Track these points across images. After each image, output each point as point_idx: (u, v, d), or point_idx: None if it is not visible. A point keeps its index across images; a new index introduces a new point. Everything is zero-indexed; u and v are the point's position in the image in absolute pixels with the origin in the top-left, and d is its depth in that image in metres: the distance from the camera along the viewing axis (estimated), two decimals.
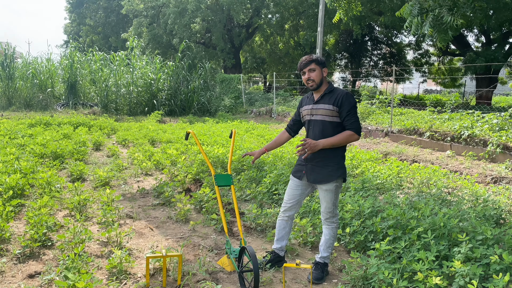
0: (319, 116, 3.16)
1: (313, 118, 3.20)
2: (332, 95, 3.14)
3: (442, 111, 11.38)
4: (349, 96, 3.11)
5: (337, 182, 3.16)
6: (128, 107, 18.12)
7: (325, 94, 3.18)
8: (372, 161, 7.33)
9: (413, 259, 3.15)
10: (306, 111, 3.28)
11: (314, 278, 3.17)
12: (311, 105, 3.24)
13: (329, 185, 3.14)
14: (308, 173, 3.20)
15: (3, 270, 3.16)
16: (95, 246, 3.70)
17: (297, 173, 3.31)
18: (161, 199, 5.24)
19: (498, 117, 8.81)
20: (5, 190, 4.76)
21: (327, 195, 3.17)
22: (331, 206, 3.19)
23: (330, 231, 3.27)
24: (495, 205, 4.62)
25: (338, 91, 3.16)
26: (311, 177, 3.19)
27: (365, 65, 31.39)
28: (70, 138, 9.34)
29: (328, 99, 3.14)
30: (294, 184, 3.33)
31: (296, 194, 3.32)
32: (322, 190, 3.19)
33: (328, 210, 3.20)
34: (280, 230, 3.42)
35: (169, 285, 3.03)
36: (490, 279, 2.87)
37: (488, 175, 6.70)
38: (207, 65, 20.98)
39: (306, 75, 3.14)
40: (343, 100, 3.08)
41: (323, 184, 3.16)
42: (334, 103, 3.10)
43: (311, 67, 3.12)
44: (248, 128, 12.37)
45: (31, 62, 20.16)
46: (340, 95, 3.11)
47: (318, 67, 3.13)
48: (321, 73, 3.15)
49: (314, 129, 3.19)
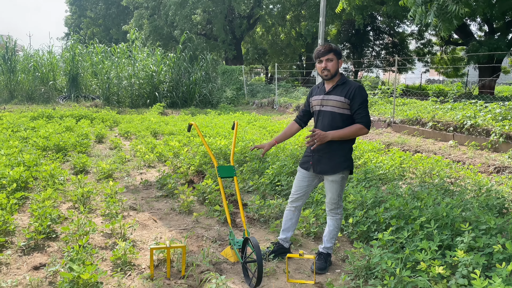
0: (329, 107, 3.12)
1: (323, 109, 3.17)
2: (345, 87, 3.09)
3: (445, 101, 11.33)
4: (361, 89, 3.07)
5: (343, 173, 3.16)
6: (130, 99, 18.10)
7: (337, 86, 3.13)
8: (375, 151, 7.33)
9: (416, 248, 3.16)
10: (316, 101, 3.24)
11: (318, 268, 3.18)
12: (321, 96, 3.20)
13: (335, 176, 3.14)
14: (315, 164, 3.19)
15: (8, 262, 3.18)
16: (99, 238, 3.72)
17: (304, 164, 3.30)
18: (164, 191, 5.25)
19: (501, 106, 8.77)
20: (9, 183, 4.78)
21: (332, 186, 3.17)
22: (336, 197, 3.19)
23: (334, 222, 3.27)
24: (498, 194, 4.62)
25: (350, 83, 3.12)
26: (318, 168, 3.18)
27: (367, 56, 31.21)
28: (72, 130, 9.35)
29: (340, 91, 3.10)
30: (301, 176, 3.32)
31: (304, 185, 3.32)
32: (328, 181, 3.18)
33: (333, 201, 3.21)
34: (286, 221, 3.43)
35: (173, 276, 3.05)
36: (493, 268, 2.87)
37: (491, 164, 6.69)
38: (208, 57, 20.91)
39: (323, 64, 3.08)
40: (356, 93, 3.04)
41: (329, 175, 3.16)
42: (346, 95, 3.05)
43: (329, 56, 3.06)
44: (250, 120, 12.35)
45: (32, 55, 20.14)
46: (353, 88, 3.06)
47: (335, 58, 3.08)
48: (337, 64, 3.10)
49: (323, 120, 3.16)
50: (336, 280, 3.07)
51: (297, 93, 18.66)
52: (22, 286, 2.82)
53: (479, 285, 2.45)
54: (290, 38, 30.09)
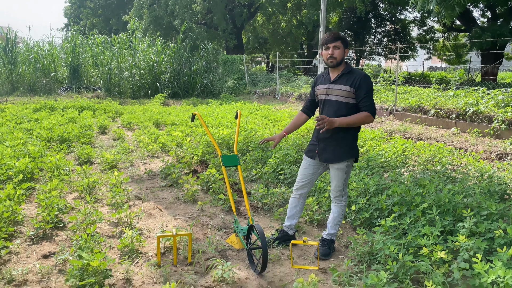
0: (335, 96, 3.13)
1: (328, 98, 3.18)
2: (350, 76, 3.09)
3: (447, 88, 11.31)
4: (367, 78, 3.08)
5: (349, 161, 3.19)
6: (131, 90, 18.11)
7: (342, 75, 3.13)
8: (377, 139, 7.36)
9: (418, 234, 3.21)
10: (321, 90, 3.25)
11: (321, 254, 3.24)
12: (327, 85, 3.20)
13: (340, 164, 3.17)
14: (320, 152, 3.23)
15: (18, 251, 3.25)
16: (106, 227, 3.78)
17: (309, 152, 3.33)
18: (168, 180, 5.31)
19: (504, 93, 8.76)
20: (15, 174, 4.84)
21: (338, 174, 3.21)
22: (341, 184, 3.23)
23: (339, 209, 3.31)
24: (500, 181, 4.66)
25: (356, 72, 3.12)
26: (323, 156, 3.22)
27: (369, 43, 31.03)
28: (75, 122, 9.39)
29: (345, 80, 3.09)
30: (306, 164, 3.36)
31: (309, 173, 3.35)
32: (334, 169, 3.22)
33: (338, 188, 3.25)
34: (291, 208, 3.48)
35: (180, 263, 3.11)
36: (494, 252, 2.93)
37: (493, 151, 6.72)
38: (209, 46, 20.82)
39: (330, 51, 3.07)
40: (361, 82, 3.04)
41: (334, 163, 3.19)
42: (352, 84, 3.05)
43: (336, 44, 3.05)
44: (252, 109, 12.37)
45: (33, 47, 20.11)
46: (358, 77, 3.06)
47: (342, 46, 3.08)
48: (343, 53, 3.09)
49: (328, 109, 3.17)
50: (339, 266, 3.13)
51: (298, 82, 18.63)
52: (32, 274, 2.88)
53: (480, 269, 2.50)
54: (291, 27, 29.90)
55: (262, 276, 2.94)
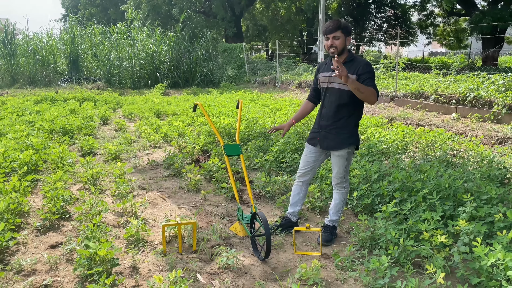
0: (337, 84, 3.13)
1: (331, 86, 3.19)
2: (352, 64, 3.08)
3: (448, 74, 11.28)
4: (368, 65, 3.09)
5: (350, 148, 3.22)
6: (131, 80, 18.08)
7: (345, 63, 3.10)
8: (378, 126, 7.38)
9: (419, 219, 3.26)
10: (323, 78, 3.26)
11: (324, 240, 3.28)
12: (329, 73, 3.19)
13: (341, 151, 3.20)
14: (322, 140, 3.26)
15: (26, 241, 3.31)
16: (112, 217, 3.84)
17: (311, 140, 3.37)
18: (171, 170, 5.35)
19: (505, 77, 8.75)
20: (20, 166, 4.89)
21: (339, 161, 3.23)
22: (342, 171, 3.26)
23: (340, 195, 3.35)
24: (500, 165, 4.70)
25: (358, 60, 3.12)
26: (324, 143, 3.25)
27: (369, 29, 30.80)
28: (77, 113, 9.42)
29: (348, 68, 3.05)
30: (308, 151, 3.39)
31: (311, 160, 3.38)
32: (335, 156, 3.25)
33: (339, 175, 3.27)
34: (294, 195, 3.53)
35: (185, 251, 3.17)
36: (494, 236, 2.97)
37: (494, 136, 6.74)
38: (208, 35, 20.71)
39: (330, 41, 3.05)
40: (363, 68, 3.04)
41: (335, 151, 3.22)
42: (354, 71, 3.04)
43: (336, 34, 3.03)
44: (253, 98, 12.36)
45: (31, 38, 20.03)
46: (360, 64, 3.06)
47: (343, 35, 3.04)
48: (344, 42, 3.07)
49: (331, 97, 3.19)
50: (342, 251, 3.19)
51: (298, 70, 18.56)
52: (40, 264, 2.94)
53: (480, 252, 2.55)
54: (291, 14, 29.69)
55: (266, 262, 3.00)
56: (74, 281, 2.72)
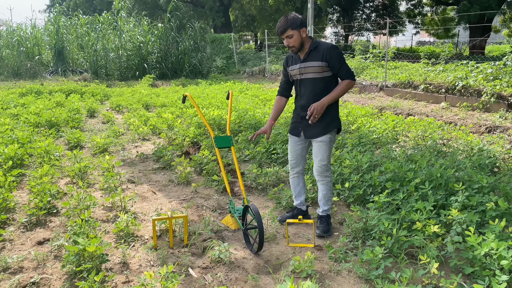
0: (309, 74, 3.13)
1: (303, 77, 3.18)
2: (318, 51, 3.09)
3: (436, 63, 11.32)
4: (334, 48, 3.07)
5: (331, 134, 3.20)
6: (119, 72, 17.82)
7: (310, 52, 3.11)
8: (368, 116, 7.37)
9: (412, 209, 3.24)
10: (294, 70, 3.23)
11: (322, 231, 3.25)
12: (298, 64, 3.19)
13: (324, 137, 3.17)
14: (305, 129, 3.25)
15: (12, 238, 3.22)
16: (100, 211, 3.76)
17: (293, 130, 3.35)
18: (161, 163, 5.28)
19: (493, 66, 8.79)
20: (5, 161, 4.77)
21: (321, 147, 3.19)
22: (326, 158, 3.21)
23: (325, 185, 3.31)
24: (490, 154, 4.72)
25: (322, 45, 3.10)
26: (308, 133, 3.24)
27: (358, 19, 30.72)
28: (63, 106, 9.25)
29: (315, 56, 3.09)
30: (293, 142, 3.38)
31: (297, 150, 3.37)
32: (317, 143, 3.21)
33: (322, 163, 3.22)
34: (295, 187, 3.51)
35: (176, 245, 3.12)
36: (486, 225, 2.98)
37: (483, 125, 6.78)
38: (196, 25, 20.46)
39: (286, 42, 3.09)
40: (330, 53, 3.04)
41: (318, 137, 3.19)
42: (322, 58, 3.06)
43: (287, 34, 3.04)
44: (242, 89, 12.28)
45: (15, 30, 19.57)
46: (325, 49, 3.06)
47: (295, 31, 3.03)
48: (299, 36, 3.06)
49: (306, 88, 3.18)
50: (335, 243, 3.17)
51: None
52: (28, 261, 2.86)
53: (473, 242, 2.55)
54: (279, 3, 29.39)
55: (259, 255, 2.96)
56: (63, 278, 2.65)
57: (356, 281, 2.62)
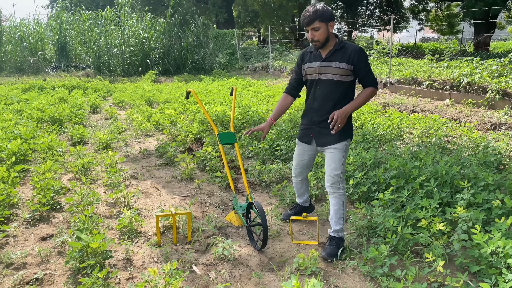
0: (329, 75, 2.81)
1: (322, 77, 2.85)
2: (344, 52, 2.78)
3: (441, 59, 11.24)
4: (362, 52, 2.80)
5: (347, 141, 2.91)
6: (121, 67, 17.78)
7: (335, 50, 2.80)
8: (372, 113, 7.33)
9: (417, 207, 3.23)
10: (311, 69, 2.90)
11: (327, 254, 2.82)
12: (318, 63, 2.86)
13: (339, 145, 2.87)
14: (317, 137, 2.95)
15: (15, 234, 3.22)
16: (104, 207, 3.76)
17: (304, 138, 3.05)
18: (164, 159, 5.26)
19: (498, 63, 8.72)
20: (8, 156, 4.77)
21: (335, 155, 2.87)
22: (340, 167, 2.87)
23: (338, 199, 2.91)
24: (495, 151, 4.68)
25: (349, 46, 2.80)
26: (320, 140, 2.93)
27: (361, 15, 30.59)
28: (66, 101, 9.24)
29: (340, 57, 2.78)
30: (301, 150, 3.10)
31: (304, 159, 3.12)
32: (331, 150, 2.89)
33: (335, 172, 2.86)
34: (298, 189, 3.38)
35: (180, 241, 3.10)
36: (492, 223, 2.95)
37: (488, 122, 6.73)
38: (199, 21, 20.38)
39: (310, 35, 2.76)
40: (358, 57, 2.76)
41: (332, 145, 2.89)
42: (348, 61, 2.76)
43: (314, 26, 2.71)
44: (245, 85, 12.24)
45: (18, 25, 19.55)
46: (353, 52, 2.77)
47: (323, 24, 2.71)
48: (326, 30, 2.74)
49: (322, 90, 2.87)
50: None
51: (291, 56, 18.41)
52: (31, 257, 2.86)
53: (480, 240, 2.52)
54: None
55: (263, 252, 2.95)
56: (66, 274, 2.65)
57: (361, 279, 2.61)
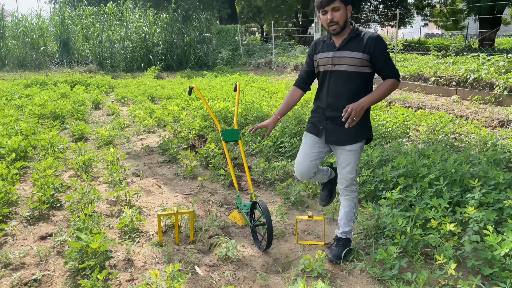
0: (344, 66, 2.53)
1: (336, 68, 2.56)
2: (360, 40, 2.50)
3: (446, 55, 11.09)
4: (380, 39, 2.50)
5: (362, 142, 2.66)
6: (124, 63, 17.71)
7: (350, 38, 2.53)
8: (377, 109, 7.23)
9: (426, 206, 3.13)
10: (324, 59, 2.61)
11: (334, 255, 2.72)
12: (331, 52, 2.58)
13: (354, 146, 2.61)
14: (329, 133, 2.64)
15: (14, 233, 3.15)
16: (104, 205, 3.68)
17: (313, 128, 2.73)
18: (166, 156, 5.18)
19: (505, 59, 8.59)
20: (8, 153, 4.70)
21: (350, 157, 2.63)
22: (354, 170, 2.67)
23: (350, 201, 2.78)
24: (504, 149, 4.57)
25: (365, 34, 2.52)
26: (332, 138, 2.64)
27: (365, 10, 30.34)
28: (68, 97, 9.17)
29: (355, 45, 2.50)
30: (309, 142, 2.74)
31: (313, 152, 2.73)
32: (345, 152, 2.64)
33: (349, 175, 2.68)
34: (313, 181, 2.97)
35: (182, 241, 3.02)
36: (504, 223, 2.86)
37: (495, 118, 6.62)
38: (202, 16, 20.25)
39: (329, 16, 2.45)
40: (376, 46, 2.48)
41: (346, 145, 2.63)
42: (364, 50, 2.48)
43: (335, 5, 2.42)
44: (248, 81, 12.14)
45: (21, 20, 19.48)
46: (370, 40, 2.48)
47: (343, 5, 2.43)
48: (345, 13, 2.46)
49: (337, 82, 2.57)
50: None
51: (294, 52, 18.27)
52: (30, 257, 2.79)
53: (492, 241, 2.43)
54: None
55: (267, 253, 2.86)
56: (65, 276, 2.57)
57: (369, 281, 2.52)
